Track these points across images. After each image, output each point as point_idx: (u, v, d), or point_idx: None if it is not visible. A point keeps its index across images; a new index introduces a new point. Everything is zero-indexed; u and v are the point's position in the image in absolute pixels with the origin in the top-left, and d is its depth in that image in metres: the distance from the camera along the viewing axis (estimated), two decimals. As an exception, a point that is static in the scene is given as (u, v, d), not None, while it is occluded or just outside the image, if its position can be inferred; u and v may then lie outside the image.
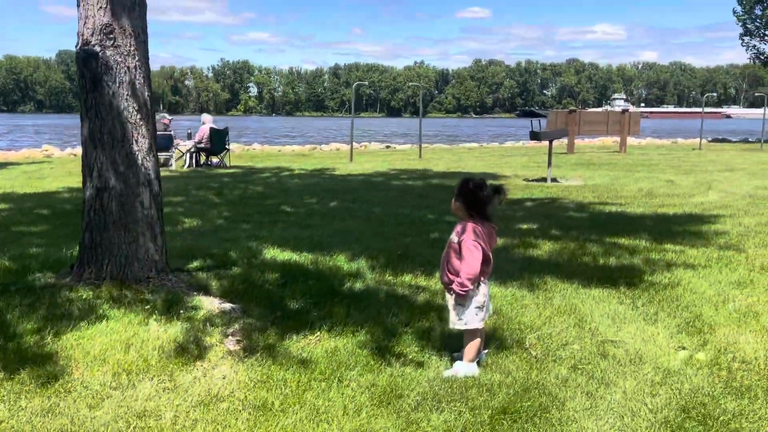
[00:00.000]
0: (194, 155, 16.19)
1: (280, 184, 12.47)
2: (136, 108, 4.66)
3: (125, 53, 4.57)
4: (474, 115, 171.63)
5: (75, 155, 22.35)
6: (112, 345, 3.69)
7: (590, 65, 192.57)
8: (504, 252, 6.35)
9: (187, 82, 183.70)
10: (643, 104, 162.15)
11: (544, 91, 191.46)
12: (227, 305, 4.47)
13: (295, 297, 4.66)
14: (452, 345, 3.86)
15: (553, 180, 12.85)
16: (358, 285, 5.09)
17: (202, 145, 16.01)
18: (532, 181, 13.05)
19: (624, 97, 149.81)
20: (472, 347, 3.56)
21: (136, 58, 4.63)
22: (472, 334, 3.55)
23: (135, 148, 4.67)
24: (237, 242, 6.58)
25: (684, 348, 3.96)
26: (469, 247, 3.36)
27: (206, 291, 4.76)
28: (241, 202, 9.84)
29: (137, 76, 4.64)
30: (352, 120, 20.09)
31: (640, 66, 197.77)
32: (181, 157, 16.45)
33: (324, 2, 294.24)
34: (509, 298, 4.87)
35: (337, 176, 14.05)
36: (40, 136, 41.53)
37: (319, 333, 4.02)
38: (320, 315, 4.33)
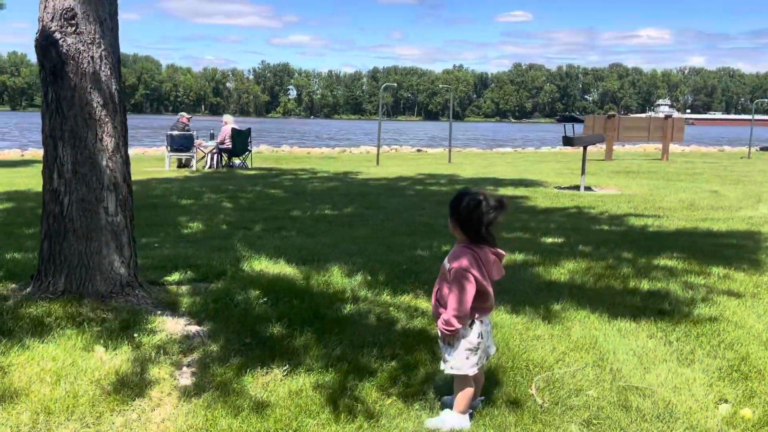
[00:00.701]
0: (216, 156, 15.84)
1: (298, 187, 11.96)
2: (101, 103, 4.15)
3: (88, 41, 4.07)
4: (513, 120, 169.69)
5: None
6: (42, 376, 3.17)
7: (634, 70, 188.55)
8: (521, 270, 5.68)
9: (228, 84, 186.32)
10: (688, 110, 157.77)
11: (586, 96, 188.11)
12: (193, 328, 3.93)
13: (272, 320, 4.09)
14: (443, 386, 3.24)
15: (587, 188, 12.06)
16: (348, 307, 4.49)
17: (224, 146, 15.65)
18: (564, 189, 12.28)
19: (669, 102, 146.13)
20: (462, 397, 2.93)
21: (102, 46, 4.13)
22: (463, 380, 2.92)
23: (99, 147, 4.16)
24: (230, 251, 6.06)
25: (726, 401, 3.26)
26: (458, 279, 2.74)
27: (174, 310, 4.23)
28: (251, 207, 9.35)
29: (102, 67, 4.14)
30: (379, 123, 19.54)
31: (686, 71, 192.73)
32: (202, 158, 16.12)
33: (365, 6, 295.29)
34: (519, 328, 4.21)
35: (358, 180, 13.50)
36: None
37: (287, 367, 3.44)
38: (294, 344, 3.74)
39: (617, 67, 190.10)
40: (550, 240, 7.18)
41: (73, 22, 4.03)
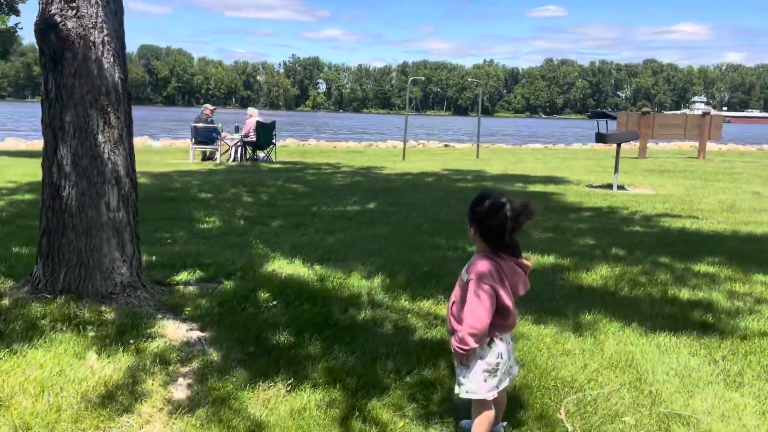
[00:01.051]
0: (240, 149, 15.66)
1: (321, 182, 11.70)
2: (103, 91, 3.91)
3: (90, 25, 3.83)
4: (543, 116, 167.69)
5: (131, 146, 22.38)
6: (26, 386, 2.93)
7: (669, 66, 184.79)
8: (550, 275, 5.31)
9: (258, 78, 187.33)
10: (725, 108, 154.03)
11: (618, 93, 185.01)
12: (194, 334, 3.66)
13: (280, 327, 3.80)
14: (462, 407, 2.92)
15: (620, 187, 11.57)
16: (363, 313, 4.19)
17: (249, 139, 15.46)
18: (596, 187, 11.81)
19: (705, 99, 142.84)
20: (481, 423, 2.61)
21: (104, 31, 3.88)
22: (482, 404, 2.60)
23: (100, 138, 3.92)
24: (244, 249, 5.80)
25: (782, 434, 2.89)
26: (476, 292, 2.42)
27: (177, 313, 3.97)
28: (271, 202, 9.10)
29: (105, 53, 3.89)
30: (406, 117, 19.18)
31: (723, 68, 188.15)
32: (227, 151, 15.96)
33: (397, 1, 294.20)
34: (548, 341, 3.86)
35: (382, 175, 13.18)
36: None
37: (291, 381, 3.15)
38: (301, 354, 3.45)
39: (651, 63, 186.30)
40: (581, 241, 6.79)
41: (74, 4, 3.79)
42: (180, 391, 3.03)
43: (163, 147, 21.80)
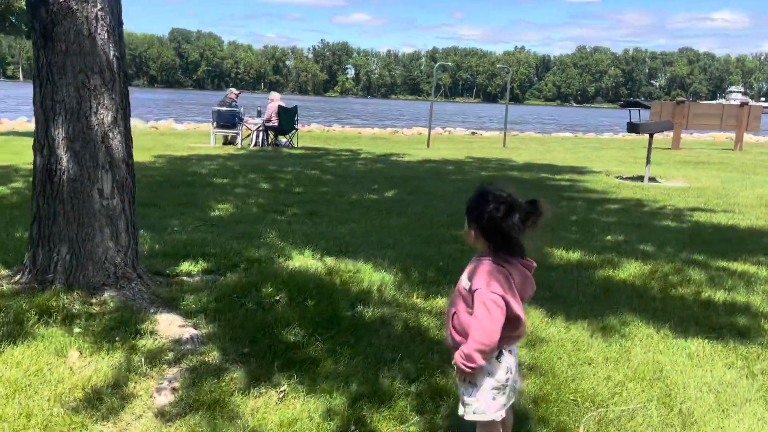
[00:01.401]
0: (262, 134, 15.46)
1: (341, 169, 11.43)
2: (96, 70, 3.67)
3: (82, -1, 3.59)
4: (574, 104, 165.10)
5: (156, 128, 22.40)
6: (-3, 387, 2.72)
7: (705, 55, 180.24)
8: (574, 272, 4.98)
9: (288, 62, 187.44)
10: (762, 99, 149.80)
11: (652, 82, 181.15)
12: (187, 331, 3.43)
13: (279, 325, 3.55)
14: (470, 422, 2.64)
15: (652, 179, 11.10)
16: (371, 311, 3.92)
17: (271, 124, 15.25)
18: (626, 179, 11.35)
19: (742, 89, 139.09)
20: (487, 445, 2.32)
21: (98, 5, 3.63)
22: (488, 426, 2.31)
23: (93, 120, 3.70)
24: (253, 239, 5.57)
25: (832, 465, 2.55)
26: (485, 303, 2.12)
27: (172, 307, 3.74)
28: (288, 189, 8.87)
29: (98, 30, 3.65)
30: (431, 103, 18.78)
31: (762, 57, 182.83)
32: (248, 135, 15.77)
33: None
34: (568, 347, 3.55)
35: (404, 163, 12.86)
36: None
37: (285, 387, 2.90)
38: (298, 357, 3.20)
39: (687, 52, 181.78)
40: (609, 237, 6.43)
41: (66, -23, 3.55)
42: (163, 396, 2.80)
43: (186, 130, 21.72)
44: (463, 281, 2.25)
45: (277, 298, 3.97)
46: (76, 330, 3.25)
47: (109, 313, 3.47)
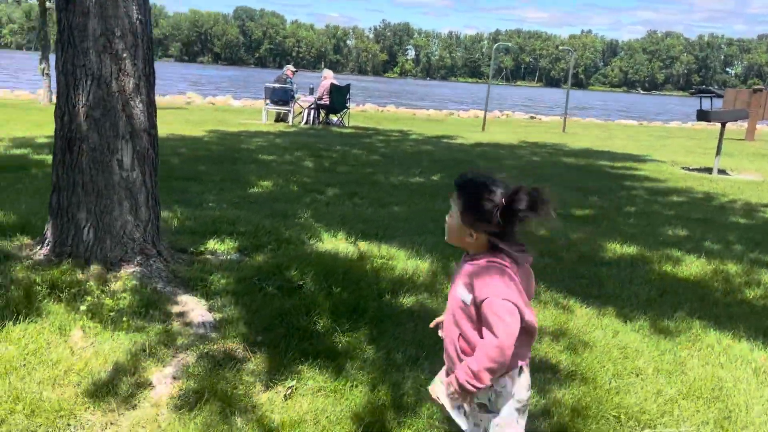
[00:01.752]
0: (313, 112, 15.28)
1: (389, 149, 11.12)
2: (119, 34, 3.48)
3: (104, -42, 3.38)
4: (642, 91, 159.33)
5: (213, 104, 22.58)
6: (-11, 367, 2.57)
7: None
8: (629, 270, 4.56)
9: (348, 42, 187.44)
10: None
11: (728, 69, 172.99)
12: (200, 315, 3.23)
13: (298, 313, 3.31)
14: None
15: (721, 172, 10.37)
16: (400, 302, 3.64)
17: (322, 102, 15.05)
18: (693, 170, 10.65)
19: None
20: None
21: (121, -35, 3.42)
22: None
23: (114, 87, 3.51)
24: (287, 219, 5.35)
25: None
26: (498, 314, 1.79)
27: (189, 288, 3.55)
28: (332, 168, 8.63)
29: (121, -9, 3.44)
30: (488, 86, 18.21)
31: None
32: (300, 113, 15.63)
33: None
34: (615, 354, 3.18)
35: (455, 145, 12.44)
36: (187, 84, 43.35)
37: (293, 383, 2.65)
38: (314, 349, 2.94)
39: (767, 39, 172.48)
40: (670, 231, 5.93)
41: (88, -67, 3.34)
42: (163, 386, 2.60)
43: (243, 107, 21.81)
44: (461, 294, 1.91)
45: (300, 282, 3.73)
46: (83, 308, 3.09)
47: (121, 292, 3.30)
